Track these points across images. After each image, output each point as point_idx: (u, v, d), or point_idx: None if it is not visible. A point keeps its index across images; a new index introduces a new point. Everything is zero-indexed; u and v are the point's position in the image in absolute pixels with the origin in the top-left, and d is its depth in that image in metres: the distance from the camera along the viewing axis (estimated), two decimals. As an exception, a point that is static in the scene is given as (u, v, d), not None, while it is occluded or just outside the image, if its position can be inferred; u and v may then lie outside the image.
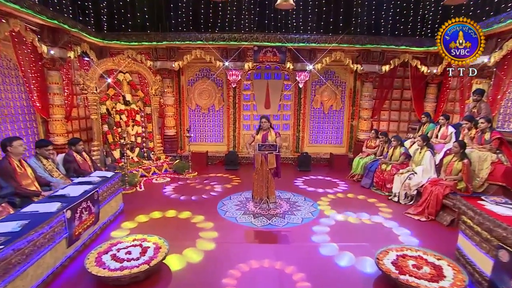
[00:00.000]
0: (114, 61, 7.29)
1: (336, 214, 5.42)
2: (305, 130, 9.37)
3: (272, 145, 5.19)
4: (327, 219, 5.21)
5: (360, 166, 7.44)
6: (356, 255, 3.96)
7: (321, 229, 4.82)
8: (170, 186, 6.57)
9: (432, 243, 4.26)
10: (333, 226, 4.94)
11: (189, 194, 6.35)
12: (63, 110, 7.00)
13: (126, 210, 5.43)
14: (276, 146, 5.20)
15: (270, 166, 5.43)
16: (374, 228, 4.91)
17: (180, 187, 6.81)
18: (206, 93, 9.18)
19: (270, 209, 5.47)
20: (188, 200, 6.06)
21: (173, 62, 8.53)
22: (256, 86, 9.07)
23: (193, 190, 6.64)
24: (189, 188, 6.77)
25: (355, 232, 4.76)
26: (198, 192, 6.52)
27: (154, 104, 8.24)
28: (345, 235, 4.60)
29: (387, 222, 5.07)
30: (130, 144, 7.82)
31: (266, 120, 5.37)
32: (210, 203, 5.87)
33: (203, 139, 9.50)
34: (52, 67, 6.65)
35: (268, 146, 5.22)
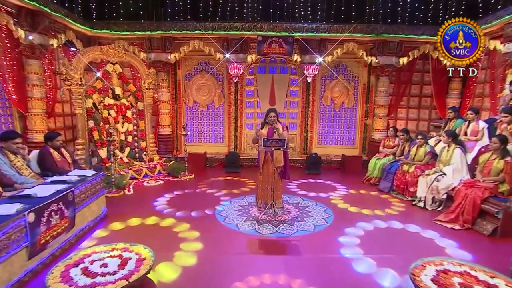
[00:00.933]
0: (102, 50, 6.80)
1: (356, 221, 4.82)
2: (313, 130, 8.89)
3: (279, 140, 4.65)
4: (346, 226, 4.62)
5: (377, 168, 6.86)
6: (381, 266, 3.36)
7: (343, 239, 4.24)
8: (163, 197, 5.96)
9: (478, 257, 3.65)
10: (356, 235, 4.36)
11: (187, 208, 5.75)
12: (43, 104, 6.51)
13: (110, 215, 4.92)
14: (284, 140, 4.65)
15: (277, 164, 4.92)
16: (408, 236, 4.33)
17: (176, 199, 6.21)
18: (205, 89, 8.76)
19: (276, 215, 4.92)
20: (185, 216, 5.49)
21: (169, 54, 8.10)
22: (260, 81, 8.65)
23: (192, 200, 6.05)
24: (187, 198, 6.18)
25: (383, 242, 4.17)
26: (197, 204, 5.93)
27: (147, 100, 7.75)
28: (371, 246, 4.02)
29: (426, 232, 4.47)
30: (120, 143, 7.32)
31: (274, 114, 4.89)
32: (206, 207, 5.34)
33: (202, 139, 9.07)
34: (31, 55, 6.16)
35: (275, 141, 4.67)
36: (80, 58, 6.45)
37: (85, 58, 6.54)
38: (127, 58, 7.32)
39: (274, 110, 5.03)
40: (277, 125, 4.97)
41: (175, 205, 5.43)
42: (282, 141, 4.65)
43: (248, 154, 8.81)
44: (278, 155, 4.96)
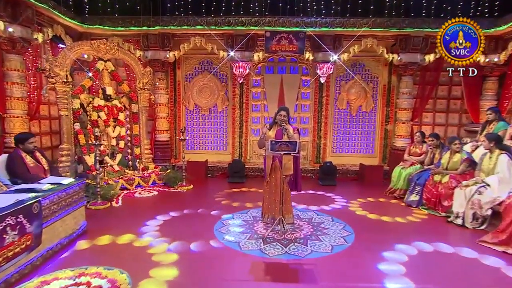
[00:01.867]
0: (92, 45, 6.40)
1: (386, 241, 4.18)
2: (327, 136, 8.40)
3: (290, 143, 4.11)
4: (377, 248, 4.00)
5: (402, 178, 6.23)
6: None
7: (384, 266, 3.59)
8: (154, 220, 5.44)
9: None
10: (398, 260, 3.71)
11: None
12: (24, 105, 6.14)
13: (90, 230, 4.38)
14: (295, 144, 4.10)
15: (286, 172, 4.40)
16: (466, 264, 3.66)
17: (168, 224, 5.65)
18: (207, 91, 8.39)
19: (286, 232, 4.34)
20: (177, 216, 4.95)
21: (168, 52, 7.73)
22: (268, 82, 8.26)
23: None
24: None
25: (436, 271, 3.50)
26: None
27: (142, 102, 7.32)
28: (424, 276, 3.35)
29: (486, 258, 3.77)
30: (111, 149, 6.85)
31: (285, 114, 4.43)
32: (205, 222, 4.80)
33: (203, 146, 8.65)
34: (11, 50, 5.81)
35: (284, 144, 4.13)
36: (66, 54, 6.04)
37: (72, 53, 6.14)
38: (121, 55, 6.92)
39: (286, 109, 4.58)
40: (287, 126, 4.45)
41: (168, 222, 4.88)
42: (292, 144, 4.13)
43: (254, 163, 8.33)
44: (287, 161, 4.44)
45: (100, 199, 5.45)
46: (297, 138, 4.39)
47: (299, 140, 4.52)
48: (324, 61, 7.50)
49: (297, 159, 4.65)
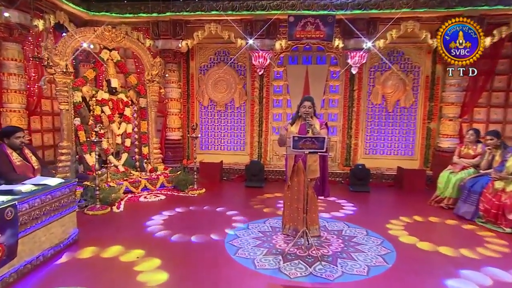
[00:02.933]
0: (96, 32, 6.10)
1: (438, 263, 3.54)
2: (359, 136, 7.87)
3: (316, 139, 3.62)
4: (437, 274, 3.39)
5: (451, 185, 5.53)
6: None
7: None
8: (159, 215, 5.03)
9: None
10: None
11: (187, 231, 4.76)
12: (23, 98, 5.94)
13: (82, 239, 4.03)
14: (323, 140, 3.59)
15: (310, 175, 3.95)
16: None
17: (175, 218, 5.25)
18: (223, 84, 8.07)
19: (311, 248, 3.84)
20: (183, 239, 4.51)
21: (180, 41, 7.46)
22: (291, 74, 7.84)
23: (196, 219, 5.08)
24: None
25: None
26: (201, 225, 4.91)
27: (151, 96, 7.02)
28: None
29: None
30: (116, 148, 6.57)
31: (310, 105, 4.01)
32: (214, 233, 4.34)
33: (218, 145, 8.35)
34: (8, 37, 5.62)
35: (309, 140, 3.63)
36: (67, 41, 5.76)
37: (73, 41, 5.84)
38: (128, 44, 6.62)
39: (310, 99, 4.14)
40: (313, 120, 3.95)
41: (172, 226, 4.51)
42: (319, 141, 3.64)
43: (275, 165, 7.91)
44: (312, 162, 3.98)
45: (99, 204, 5.09)
46: (325, 135, 3.90)
47: (328, 136, 4.01)
48: (356, 49, 6.97)
49: (324, 159, 4.19)
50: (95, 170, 5.15)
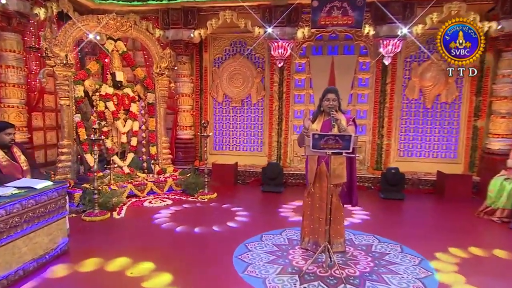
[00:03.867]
0: (100, 20, 5.94)
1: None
2: (392, 135, 7.46)
3: (341, 137, 3.24)
4: None
5: (506, 194, 4.98)
6: None
7: None
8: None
9: None
10: None
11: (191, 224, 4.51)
12: (22, 93, 5.84)
13: (74, 250, 3.79)
14: (349, 139, 3.19)
15: (335, 180, 3.59)
16: None
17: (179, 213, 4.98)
18: (239, 78, 7.89)
19: (333, 267, 3.44)
20: (187, 234, 4.29)
21: (192, 30, 7.24)
22: (315, 66, 7.55)
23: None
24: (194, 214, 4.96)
25: None
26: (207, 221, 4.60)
27: (160, 90, 6.84)
28: None
29: None
30: (120, 147, 6.40)
31: (335, 97, 3.66)
32: (222, 246, 4.02)
33: (233, 145, 8.18)
34: (6, 26, 5.52)
35: (333, 139, 3.24)
36: (68, 31, 5.62)
37: (75, 30, 5.70)
38: (134, 34, 6.46)
39: (335, 90, 3.78)
40: (338, 115, 3.58)
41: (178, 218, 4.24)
42: (345, 140, 3.26)
43: (295, 168, 7.59)
44: (338, 165, 3.63)
45: (97, 209, 4.86)
46: (352, 132, 3.52)
47: (356, 134, 3.61)
48: (390, 37, 6.53)
49: (352, 161, 3.79)
50: (93, 171, 4.90)
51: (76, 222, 4.61)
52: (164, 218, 4.85)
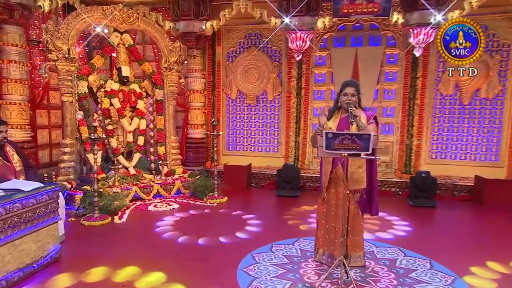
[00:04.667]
0: (104, 12, 5.88)
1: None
2: (423, 135, 7.19)
3: (358, 137, 2.99)
4: None
5: None
6: None
7: None
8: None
9: None
10: None
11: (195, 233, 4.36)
12: (25, 89, 5.86)
13: (67, 258, 3.68)
14: (368, 138, 2.95)
15: (353, 185, 3.38)
16: None
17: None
18: (253, 73, 7.78)
19: (350, 284, 3.18)
20: (189, 245, 4.11)
21: (204, 22, 7.17)
22: (337, 59, 7.40)
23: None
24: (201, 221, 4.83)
25: None
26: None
27: (169, 86, 6.78)
28: None
29: None
30: (127, 147, 6.33)
31: (354, 91, 3.43)
32: (227, 257, 3.82)
33: (247, 145, 8.08)
34: (8, 19, 5.54)
35: (349, 138, 3.01)
36: (71, 23, 5.59)
37: (78, 22, 5.67)
38: (142, 26, 6.41)
39: (354, 84, 3.55)
40: (357, 111, 3.36)
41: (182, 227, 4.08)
42: (363, 139, 3.02)
43: (314, 170, 7.39)
44: (356, 168, 3.43)
45: (97, 212, 4.77)
46: (373, 131, 3.27)
47: (377, 133, 3.38)
48: (421, 25, 6.21)
49: (373, 165, 3.54)
50: (94, 172, 4.81)
51: (74, 226, 4.57)
52: (167, 227, 4.65)
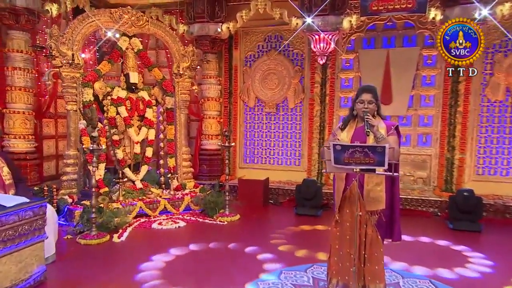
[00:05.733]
0: (112, 14, 5.95)
1: None
2: (466, 148, 6.84)
3: (372, 149, 2.78)
4: None
5: None
6: None
7: None
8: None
9: None
10: None
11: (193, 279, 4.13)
12: (29, 97, 6.03)
13: (52, 282, 3.61)
14: (383, 150, 2.71)
15: (370, 206, 3.16)
16: None
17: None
18: (273, 78, 7.74)
19: None
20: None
21: (219, 24, 7.23)
22: (366, 62, 7.27)
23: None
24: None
25: None
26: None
27: (180, 94, 6.79)
28: None
29: None
30: (134, 158, 6.32)
31: (371, 98, 3.23)
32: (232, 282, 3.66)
33: (266, 158, 8.00)
34: (13, 24, 5.73)
35: (360, 150, 2.78)
36: (76, 27, 5.69)
37: (84, 26, 5.77)
38: (152, 29, 6.45)
39: (371, 89, 3.33)
40: (373, 120, 3.15)
41: (174, 273, 3.87)
42: (377, 153, 2.78)
43: None
44: (374, 186, 3.17)
45: (95, 230, 4.71)
46: (394, 143, 3.04)
47: (398, 146, 3.18)
48: None
49: (394, 182, 3.26)
50: (92, 186, 4.78)
51: (70, 245, 4.52)
52: (153, 272, 3.91)
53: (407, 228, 4.63)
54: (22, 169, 5.75)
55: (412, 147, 7.08)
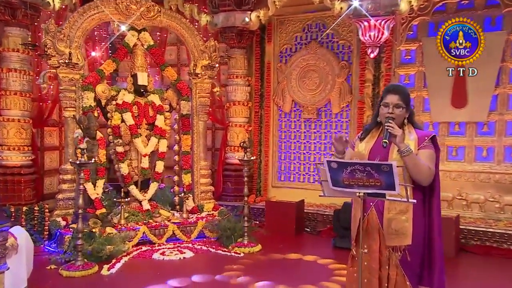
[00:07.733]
0: (118, 6, 6.13)
1: None
2: None
3: (376, 167, 2.57)
4: None
5: None
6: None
7: None
8: None
9: None
10: None
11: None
12: (26, 103, 6.26)
13: None
14: (390, 170, 2.52)
15: (390, 240, 2.95)
16: None
17: None
18: (314, 77, 7.70)
19: None
20: None
21: (247, 13, 7.28)
22: (432, 53, 6.87)
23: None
24: None
25: None
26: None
27: (199, 97, 6.86)
28: None
29: None
30: (141, 174, 6.39)
31: (398, 101, 3.06)
32: None
33: (304, 175, 7.81)
34: (9, 20, 5.99)
35: (361, 169, 2.59)
36: (76, 21, 5.92)
37: (85, 20, 5.97)
38: (165, 21, 6.62)
39: (398, 89, 3.13)
40: (397, 129, 2.88)
41: None
42: (383, 172, 2.50)
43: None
44: (396, 214, 2.95)
45: (80, 259, 4.76)
46: (427, 159, 2.86)
47: (432, 164, 2.92)
48: None
49: (432, 209, 3.02)
50: (80, 207, 4.86)
51: (50, 277, 4.59)
52: None
53: (481, 274, 4.49)
54: (16, 185, 6.02)
55: (496, 163, 6.60)
